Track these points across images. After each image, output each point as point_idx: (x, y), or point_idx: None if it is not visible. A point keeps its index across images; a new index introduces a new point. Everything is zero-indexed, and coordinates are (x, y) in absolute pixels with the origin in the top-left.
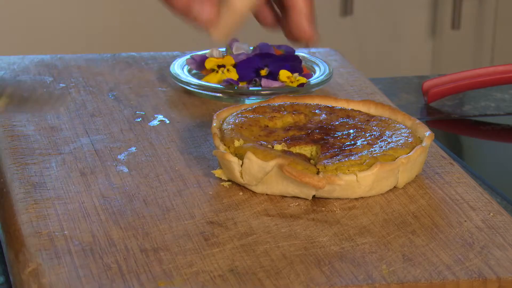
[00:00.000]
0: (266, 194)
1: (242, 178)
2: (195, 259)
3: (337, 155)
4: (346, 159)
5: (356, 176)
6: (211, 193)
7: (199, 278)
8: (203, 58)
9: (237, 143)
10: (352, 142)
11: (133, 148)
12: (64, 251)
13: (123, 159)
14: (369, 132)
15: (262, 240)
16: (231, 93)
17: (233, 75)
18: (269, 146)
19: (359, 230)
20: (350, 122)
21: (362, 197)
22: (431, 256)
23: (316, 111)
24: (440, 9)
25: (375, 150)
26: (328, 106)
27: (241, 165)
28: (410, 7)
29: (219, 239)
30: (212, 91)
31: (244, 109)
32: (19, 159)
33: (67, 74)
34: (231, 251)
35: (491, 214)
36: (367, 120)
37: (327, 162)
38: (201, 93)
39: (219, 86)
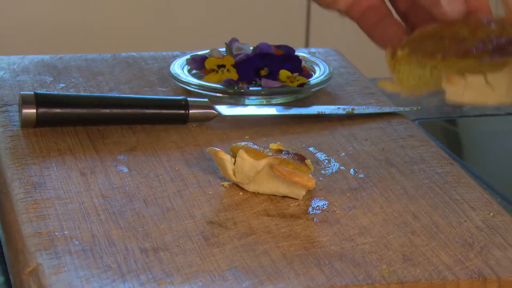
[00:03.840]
0: (266, 194)
1: (235, 176)
2: (195, 259)
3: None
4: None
5: (485, 77)
6: (211, 193)
7: (199, 278)
8: (203, 58)
9: (400, 53)
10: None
11: (133, 148)
12: (64, 251)
13: (123, 159)
14: None
15: (262, 240)
16: (231, 93)
17: (233, 75)
18: (263, 145)
19: (359, 230)
20: None
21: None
22: (431, 256)
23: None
24: None
25: None
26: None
27: (234, 163)
28: None
29: (219, 239)
30: (212, 91)
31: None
32: (19, 159)
33: (67, 74)
34: (231, 251)
35: (491, 214)
36: None
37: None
38: (201, 93)
39: (219, 86)
